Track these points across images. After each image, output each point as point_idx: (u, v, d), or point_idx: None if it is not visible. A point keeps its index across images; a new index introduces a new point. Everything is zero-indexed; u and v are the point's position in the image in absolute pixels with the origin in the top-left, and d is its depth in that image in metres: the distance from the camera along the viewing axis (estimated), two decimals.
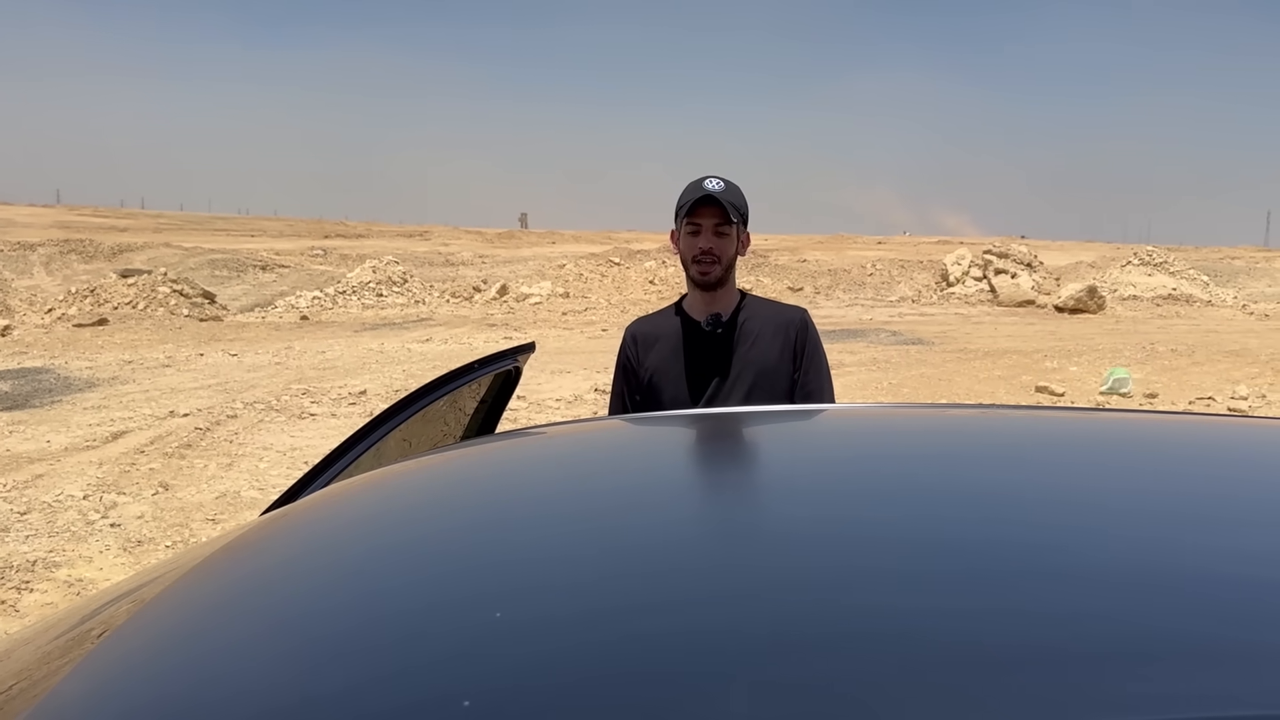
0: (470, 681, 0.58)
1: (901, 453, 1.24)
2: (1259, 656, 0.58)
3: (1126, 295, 26.39)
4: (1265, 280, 38.29)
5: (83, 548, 5.66)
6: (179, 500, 6.67)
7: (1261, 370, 12.83)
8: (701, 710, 0.53)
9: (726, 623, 0.66)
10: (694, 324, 2.69)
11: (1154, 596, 0.68)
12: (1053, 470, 1.11)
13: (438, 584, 0.79)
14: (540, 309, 23.06)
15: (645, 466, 1.25)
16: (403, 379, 12.02)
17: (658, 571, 0.77)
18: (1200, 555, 0.78)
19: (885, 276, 33.70)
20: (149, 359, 14.12)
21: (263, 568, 0.97)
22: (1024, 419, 1.56)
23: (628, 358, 2.77)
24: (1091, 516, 0.89)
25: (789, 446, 1.39)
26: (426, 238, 53.41)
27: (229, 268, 34.42)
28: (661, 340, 2.73)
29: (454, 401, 2.53)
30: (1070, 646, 0.59)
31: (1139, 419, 1.59)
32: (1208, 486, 1.03)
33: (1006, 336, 17.90)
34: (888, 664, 0.58)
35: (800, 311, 2.79)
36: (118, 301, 20.64)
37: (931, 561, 0.76)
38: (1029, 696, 0.53)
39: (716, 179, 2.59)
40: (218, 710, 0.62)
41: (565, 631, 0.65)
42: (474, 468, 1.30)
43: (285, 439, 8.67)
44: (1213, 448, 1.23)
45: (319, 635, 0.72)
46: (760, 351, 2.65)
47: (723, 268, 2.62)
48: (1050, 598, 0.68)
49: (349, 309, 23.96)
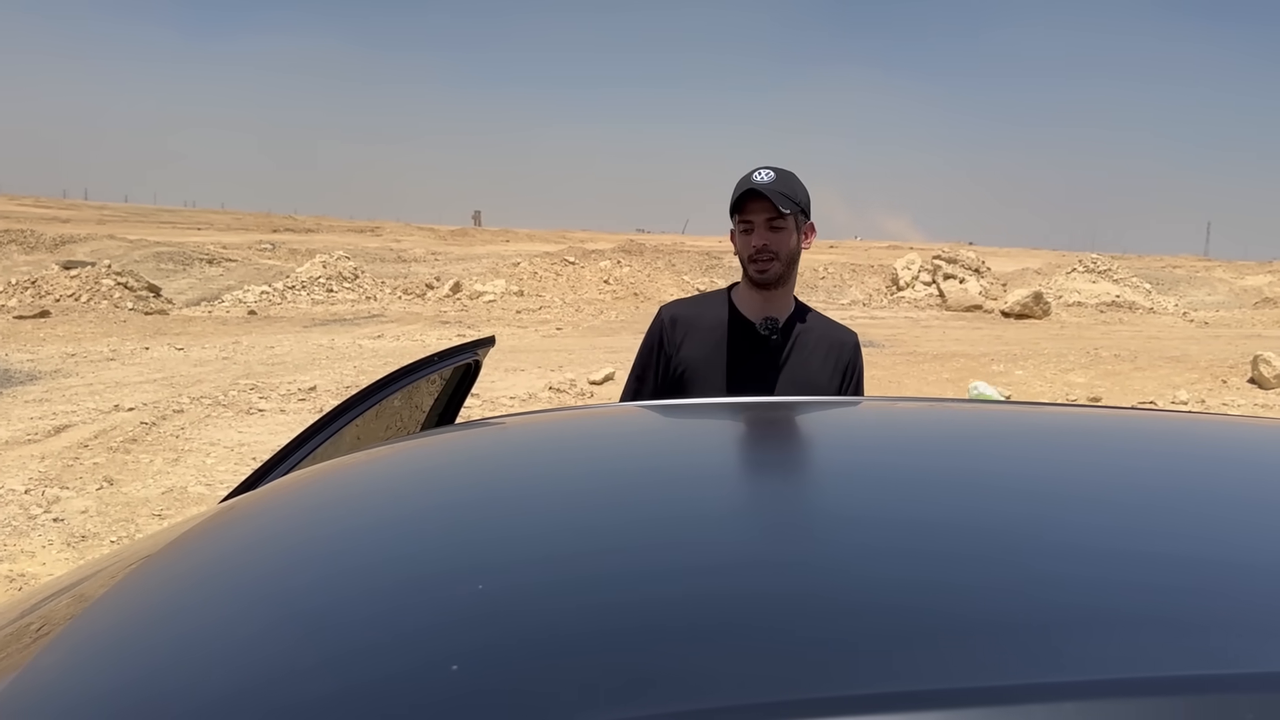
0: (455, 651, 0.59)
1: (880, 445, 1.27)
2: (1188, 623, 0.61)
3: (1071, 301, 26.88)
4: (1205, 289, 39.23)
5: (24, 542, 5.54)
6: (124, 495, 6.55)
7: (1201, 376, 13.15)
8: (684, 671, 0.55)
9: (699, 592, 0.67)
10: (745, 322, 2.47)
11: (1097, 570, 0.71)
12: (1007, 458, 1.15)
13: (415, 561, 0.79)
14: (494, 307, 22.94)
15: (640, 454, 1.26)
16: (354, 375, 11.90)
17: (637, 547, 0.79)
18: (1144, 538, 0.81)
19: (837, 280, 34.01)
20: (92, 352, 13.84)
21: (231, 551, 0.96)
22: (1003, 414, 1.60)
23: (663, 340, 2.51)
24: (1049, 500, 0.92)
25: (766, 435, 1.41)
26: (378, 233, 52.91)
27: (175, 261, 33.84)
28: (705, 331, 2.48)
29: (409, 397, 2.51)
30: (1024, 614, 0.62)
31: (1086, 413, 1.64)
32: (1160, 476, 1.07)
33: (955, 340, 18.15)
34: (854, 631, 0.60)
35: (854, 335, 2.59)
36: (60, 294, 20.20)
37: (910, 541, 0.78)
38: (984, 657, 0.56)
39: (767, 170, 2.38)
40: (198, 688, 0.62)
41: (546, 602, 0.66)
42: (443, 453, 1.30)
43: (233, 434, 8.55)
44: (1159, 439, 1.28)
45: (295, 611, 0.72)
46: (811, 369, 2.46)
47: (782, 264, 2.42)
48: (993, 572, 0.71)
49: (298, 304, 23.65)
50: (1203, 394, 11.76)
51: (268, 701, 0.58)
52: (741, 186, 2.37)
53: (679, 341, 2.48)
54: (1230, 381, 12.62)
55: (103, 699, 0.63)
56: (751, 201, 2.37)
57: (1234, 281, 40.87)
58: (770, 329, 2.44)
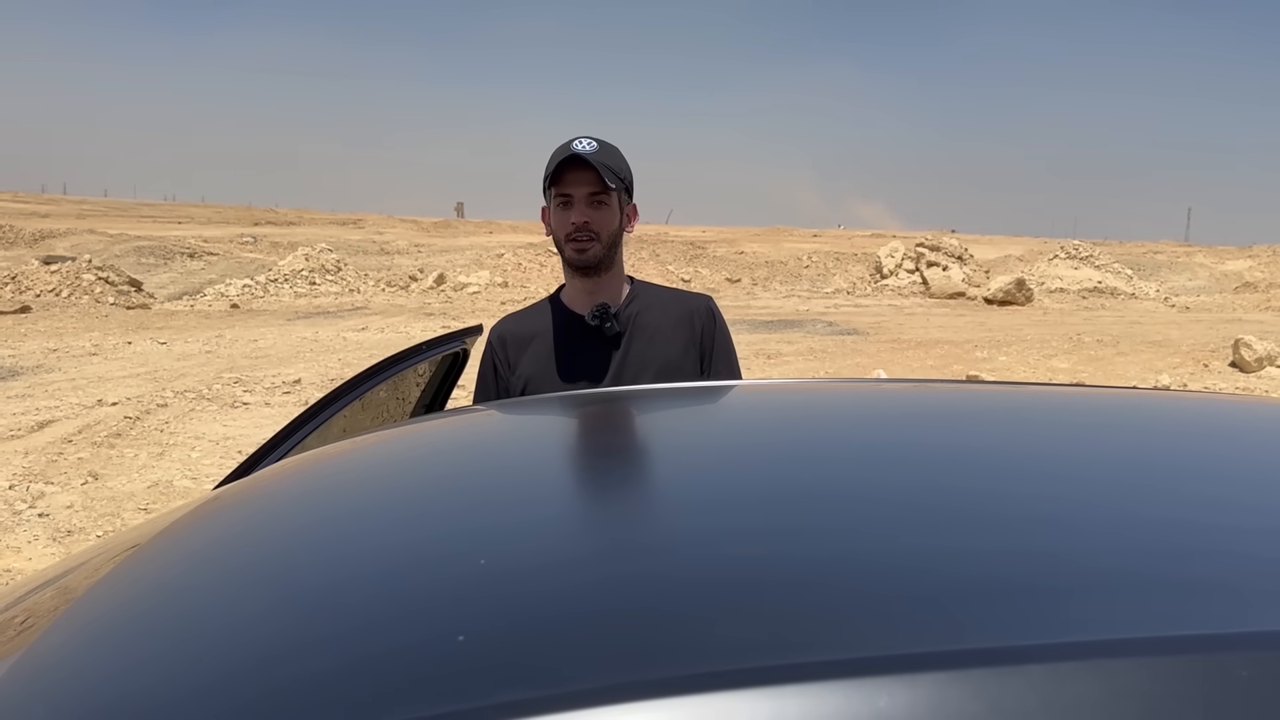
0: (463, 621, 0.60)
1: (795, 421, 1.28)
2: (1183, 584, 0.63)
3: (1054, 288, 27.02)
4: (1186, 274, 39.47)
5: (10, 538, 5.52)
6: (109, 490, 6.52)
7: (1183, 360, 13.25)
8: (675, 640, 0.56)
9: (689, 561, 0.68)
10: (575, 318, 2.25)
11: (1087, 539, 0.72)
12: (955, 429, 1.16)
13: (418, 542, 0.80)
14: (479, 298, 22.89)
15: (592, 443, 1.27)
16: (338, 368, 11.87)
17: (622, 521, 0.80)
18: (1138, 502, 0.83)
19: (821, 269, 34.05)
20: (75, 347, 13.75)
21: (227, 535, 0.97)
22: (951, 392, 1.61)
23: (495, 364, 2.29)
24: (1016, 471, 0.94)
25: (695, 421, 1.42)
26: (360, 226, 52.68)
27: (156, 255, 33.60)
28: (536, 340, 2.26)
29: (396, 387, 2.52)
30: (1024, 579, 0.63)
31: (1072, 392, 1.66)
32: (1141, 452, 1.08)
33: (938, 327, 18.22)
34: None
35: (704, 299, 2.36)
36: (40, 289, 20.05)
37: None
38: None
39: (588, 139, 2.13)
40: (211, 656, 0.62)
41: (550, 573, 0.67)
42: (439, 438, 1.31)
43: (218, 428, 8.52)
44: (1138, 413, 1.30)
45: (296, 590, 0.73)
46: (660, 348, 2.22)
47: (603, 245, 2.18)
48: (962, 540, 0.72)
49: (281, 297, 23.54)
50: (1185, 378, 11.85)
51: (269, 680, 0.58)
52: (560, 154, 2.11)
53: (513, 360, 2.27)
54: (1212, 365, 12.72)
55: (110, 679, 0.64)
56: (572, 172, 2.11)
57: (1214, 267, 41.15)
58: (600, 317, 2.20)
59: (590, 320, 2.21)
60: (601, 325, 2.21)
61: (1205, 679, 0.51)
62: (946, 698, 0.49)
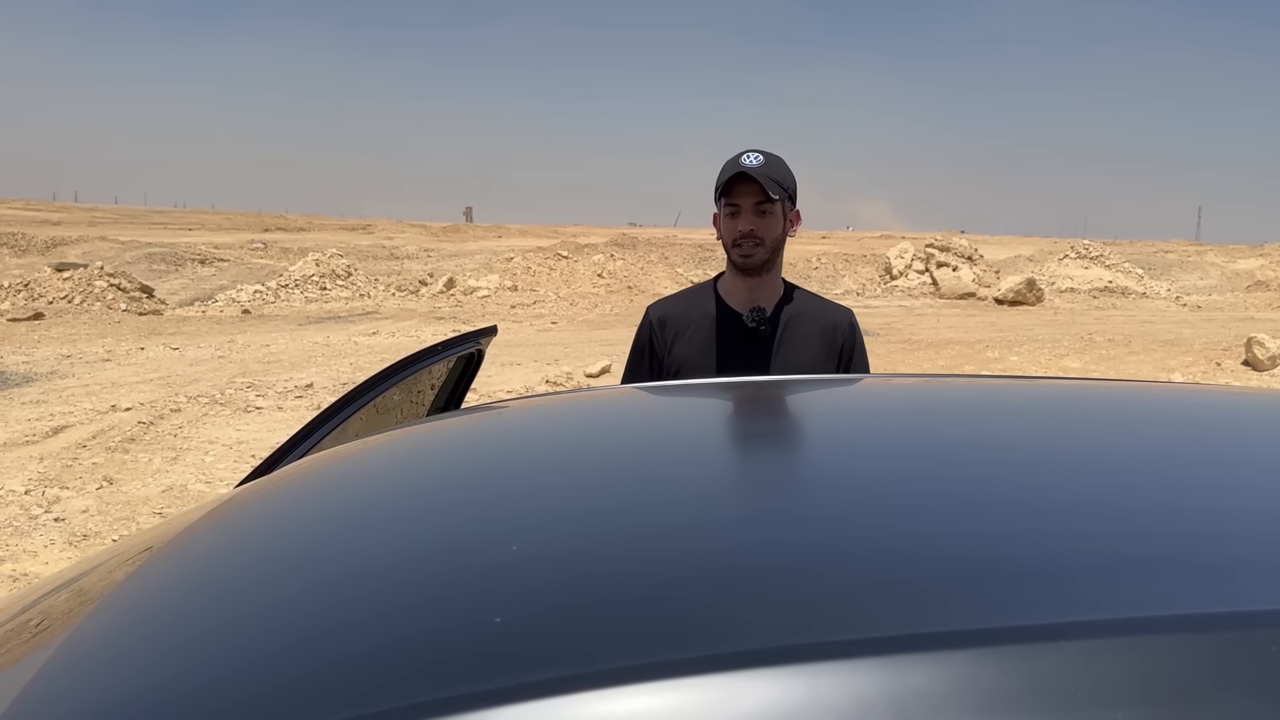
0: (498, 605, 0.61)
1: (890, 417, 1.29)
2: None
3: (1064, 288, 26.94)
4: (1197, 273, 39.33)
5: (26, 542, 5.55)
6: (124, 494, 6.55)
7: (1195, 359, 13.20)
8: (711, 619, 0.57)
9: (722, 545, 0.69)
10: (733, 314, 2.43)
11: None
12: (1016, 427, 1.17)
13: (451, 530, 0.81)
14: (489, 302, 22.93)
15: (656, 434, 1.28)
16: (350, 372, 11.90)
17: (665, 503, 0.80)
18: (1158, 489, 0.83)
19: (830, 270, 34.04)
20: (88, 353, 13.82)
21: (256, 526, 0.98)
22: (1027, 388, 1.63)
23: (653, 341, 2.49)
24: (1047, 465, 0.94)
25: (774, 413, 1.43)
26: (370, 231, 52.83)
27: (167, 261, 33.75)
28: (694, 328, 2.45)
29: (411, 389, 2.53)
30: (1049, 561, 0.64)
31: (1087, 385, 1.67)
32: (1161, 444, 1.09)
33: (949, 328, 18.19)
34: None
35: (848, 313, 2.54)
36: (53, 296, 20.15)
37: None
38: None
39: (755, 153, 2.34)
40: (254, 636, 0.63)
41: (580, 559, 0.68)
42: (452, 434, 1.32)
43: (231, 432, 8.55)
44: (1147, 405, 1.31)
45: (334, 574, 0.74)
46: (805, 356, 2.40)
47: (768, 250, 2.37)
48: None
49: (292, 303, 23.61)
50: (1197, 376, 11.81)
51: (314, 657, 0.59)
52: (729, 169, 2.32)
53: (669, 341, 2.45)
54: (1224, 364, 12.67)
55: (160, 660, 0.65)
56: (739, 184, 2.32)
57: (1226, 265, 40.99)
58: (758, 320, 2.40)
59: (748, 323, 2.40)
60: (758, 329, 2.39)
61: (1237, 654, 0.52)
62: (982, 672, 0.50)
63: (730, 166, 2.33)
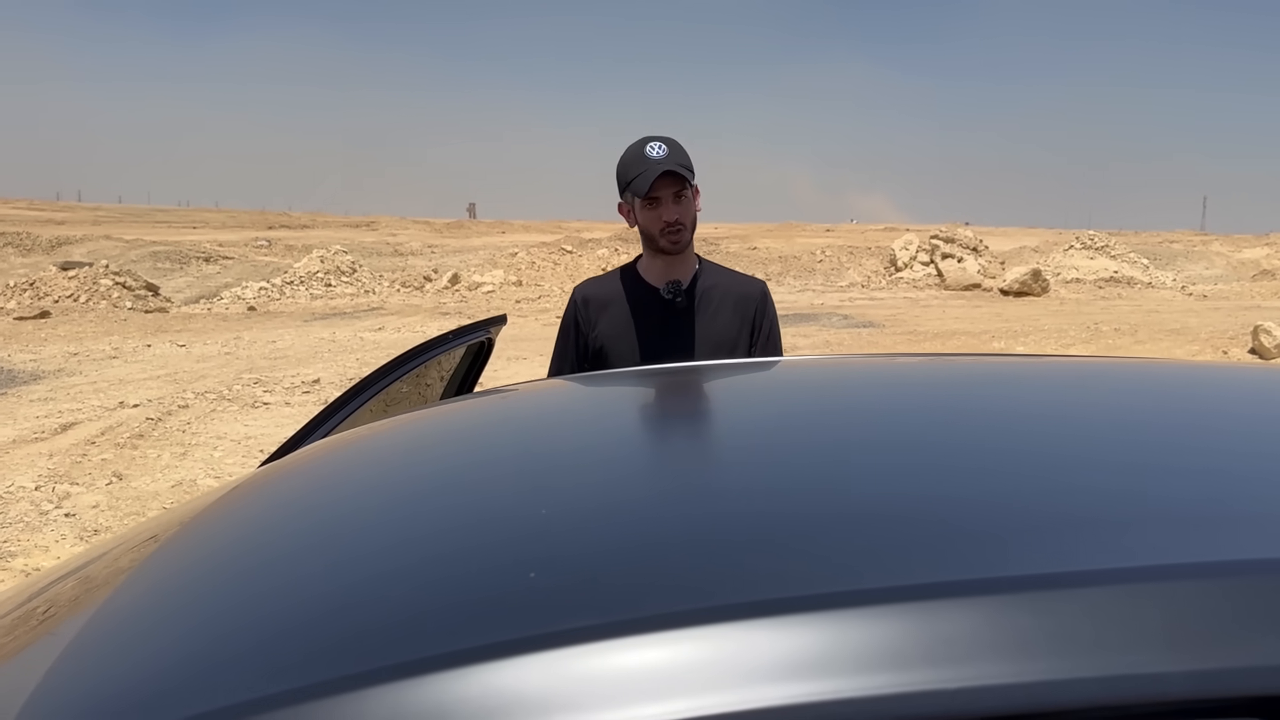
0: (533, 562, 0.62)
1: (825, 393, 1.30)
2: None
3: (1070, 278, 26.87)
4: (1202, 263, 39.23)
5: (38, 537, 5.58)
6: (134, 489, 6.58)
7: (1202, 348, 13.19)
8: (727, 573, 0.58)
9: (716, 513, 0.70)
10: (651, 290, 2.57)
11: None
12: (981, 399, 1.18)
13: (483, 500, 0.82)
14: (493, 297, 22.95)
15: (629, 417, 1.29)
16: (357, 367, 11.92)
17: (668, 473, 0.82)
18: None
19: (835, 263, 33.98)
20: (95, 351, 13.85)
21: (283, 501, 0.99)
22: (982, 364, 1.63)
23: (578, 320, 2.62)
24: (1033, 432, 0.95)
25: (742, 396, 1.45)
26: (374, 228, 52.87)
27: (172, 260, 33.81)
28: (614, 305, 2.58)
29: (420, 378, 2.54)
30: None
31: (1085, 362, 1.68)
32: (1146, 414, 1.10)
33: (955, 319, 18.17)
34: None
35: (759, 284, 2.69)
36: (58, 295, 20.19)
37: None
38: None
39: (659, 143, 2.44)
40: (303, 594, 0.65)
41: (609, 521, 0.69)
42: (474, 417, 1.34)
43: (239, 428, 8.57)
44: (1160, 382, 1.32)
45: (366, 544, 0.75)
46: (719, 325, 2.55)
47: (690, 231, 2.52)
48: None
49: (297, 299, 23.65)
50: None
51: (362, 619, 0.60)
52: (643, 165, 2.41)
53: (593, 319, 2.58)
54: (1231, 352, 12.66)
55: (192, 633, 0.66)
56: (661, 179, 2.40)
57: (1231, 255, 40.88)
58: (674, 292, 2.53)
59: (665, 295, 2.54)
60: (674, 300, 2.53)
61: (1258, 597, 0.53)
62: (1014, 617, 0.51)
63: (642, 162, 2.42)
